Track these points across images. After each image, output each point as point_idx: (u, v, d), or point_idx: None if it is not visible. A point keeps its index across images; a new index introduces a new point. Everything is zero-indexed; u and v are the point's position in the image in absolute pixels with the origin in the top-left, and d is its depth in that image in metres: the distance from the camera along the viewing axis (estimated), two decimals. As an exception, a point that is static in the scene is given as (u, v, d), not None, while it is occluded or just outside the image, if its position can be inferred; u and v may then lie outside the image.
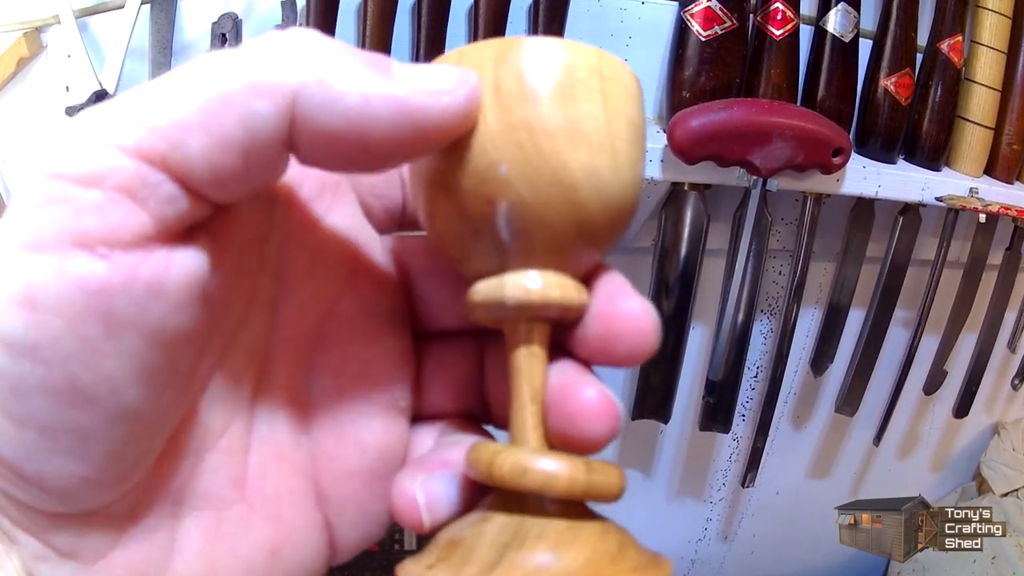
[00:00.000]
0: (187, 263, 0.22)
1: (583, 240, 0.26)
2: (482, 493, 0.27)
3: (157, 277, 0.21)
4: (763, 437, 1.10)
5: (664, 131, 0.87)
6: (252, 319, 0.27)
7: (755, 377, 1.19)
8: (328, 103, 0.22)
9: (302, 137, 0.22)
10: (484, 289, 0.26)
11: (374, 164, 0.24)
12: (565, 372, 0.27)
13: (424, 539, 0.85)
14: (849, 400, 1.14)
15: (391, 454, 0.29)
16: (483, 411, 0.32)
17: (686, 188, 0.95)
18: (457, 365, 0.31)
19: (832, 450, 1.31)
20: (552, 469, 0.24)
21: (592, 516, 0.26)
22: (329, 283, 0.29)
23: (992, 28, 1.01)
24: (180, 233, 0.22)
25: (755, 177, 0.88)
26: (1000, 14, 1.00)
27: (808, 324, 1.16)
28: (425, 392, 0.31)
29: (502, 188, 0.24)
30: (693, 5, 0.87)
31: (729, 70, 0.89)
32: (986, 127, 1.03)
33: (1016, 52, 1.03)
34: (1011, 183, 1.06)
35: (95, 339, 0.21)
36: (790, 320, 1.03)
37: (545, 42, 0.25)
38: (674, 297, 0.99)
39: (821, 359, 1.12)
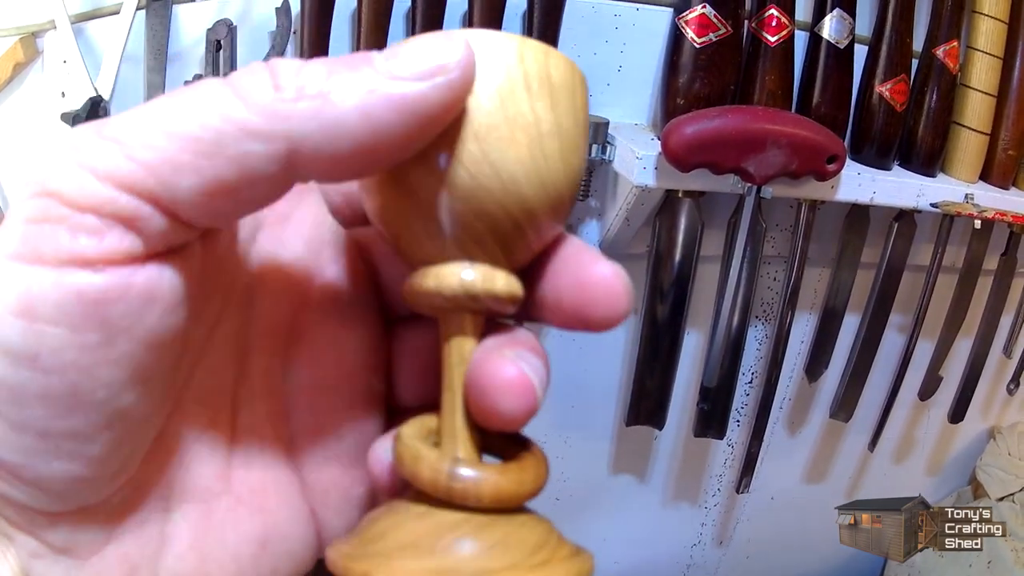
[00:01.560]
0: (175, 272, 0.23)
1: (524, 228, 0.26)
2: None
3: (150, 287, 0.22)
4: (758, 442, 1.10)
5: (658, 138, 0.87)
6: (229, 315, 0.28)
7: (750, 383, 1.19)
8: (329, 131, 0.22)
9: (307, 166, 0.22)
10: (418, 279, 0.27)
11: (383, 164, 0.24)
12: (488, 349, 0.27)
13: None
14: (844, 406, 1.14)
15: (368, 440, 0.30)
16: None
17: (680, 195, 0.95)
18: (428, 349, 0.31)
19: (827, 455, 1.31)
20: (465, 480, 0.25)
21: (518, 510, 0.27)
22: (299, 276, 0.30)
23: (988, 34, 1.01)
24: (168, 253, 0.23)
25: (749, 184, 0.88)
26: (996, 19, 1.00)
27: (803, 330, 1.16)
28: (398, 377, 0.32)
29: (441, 181, 0.25)
30: (687, 12, 0.87)
31: (724, 77, 0.89)
32: (982, 133, 1.03)
33: (1012, 58, 1.03)
34: (1007, 189, 1.06)
35: (94, 347, 0.22)
36: (785, 326, 1.03)
37: (488, 36, 0.25)
38: (668, 303, 0.99)
39: (816, 365, 1.12)
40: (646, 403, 1.05)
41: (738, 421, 1.22)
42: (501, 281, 0.26)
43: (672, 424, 1.14)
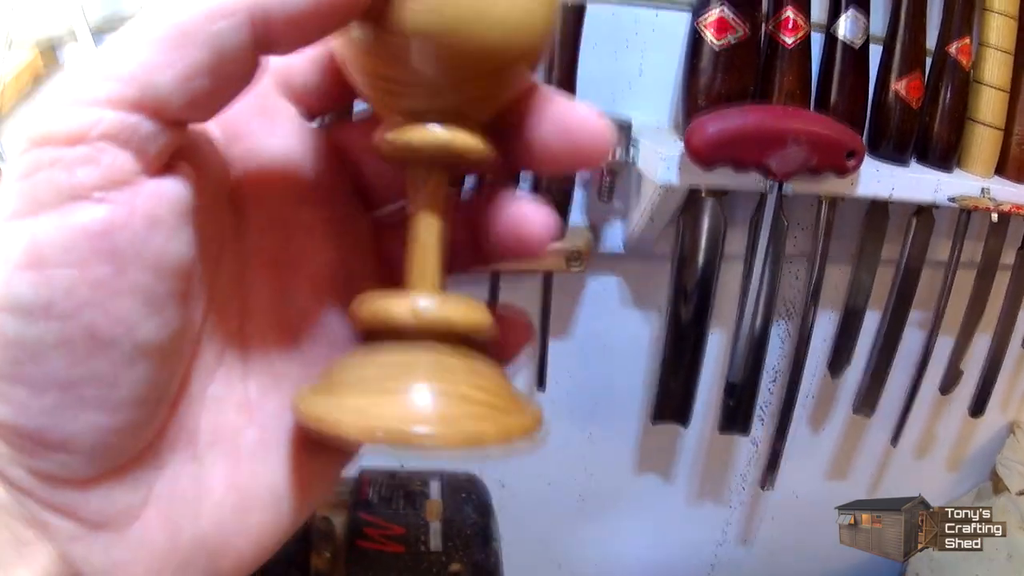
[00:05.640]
0: (174, 190, 0.24)
1: (486, 74, 0.27)
2: None
3: (152, 208, 0.23)
4: (782, 440, 1.10)
5: (681, 138, 0.88)
6: (225, 251, 0.29)
7: (773, 381, 1.20)
8: None
9: (270, 30, 0.23)
10: (392, 135, 0.28)
11: (339, 18, 0.24)
12: (501, 195, 0.30)
13: (448, 540, 0.86)
14: (867, 401, 1.14)
15: None
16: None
17: (703, 194, 0.96)
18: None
19: (849, 452, 1.32)
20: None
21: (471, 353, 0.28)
22: (284, 201, 0.30)
23: (999, 30, 1.01)
24: (163, 164, 0.24)
25: (771, 181, 0.89)
26: (1007, 16, 1.01)
27: (825, 327, 1.16)
28: (390, 281, 0.32)
29: (397, 32, 0.25)
30: (706, 14, 0.89)
31: (743, 78, 0.90)
32: (995, 128, 1.03)
33: (1023, 53, 1.04)
34: (1022, 183, 1.06)
35: (106, 280, 0.22)
36: (807, 323, 1.04)
37: None
38: (693, 303, 1.00)
39: (838, 361, 1.13)
40: (671, 401, 1.06)
41: (762, 419, 1.22)
42: (469, 140, 0.27)
43: (697, 423, 1.15)
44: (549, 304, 1.01)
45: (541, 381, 1.06)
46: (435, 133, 0.27)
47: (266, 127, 0.30)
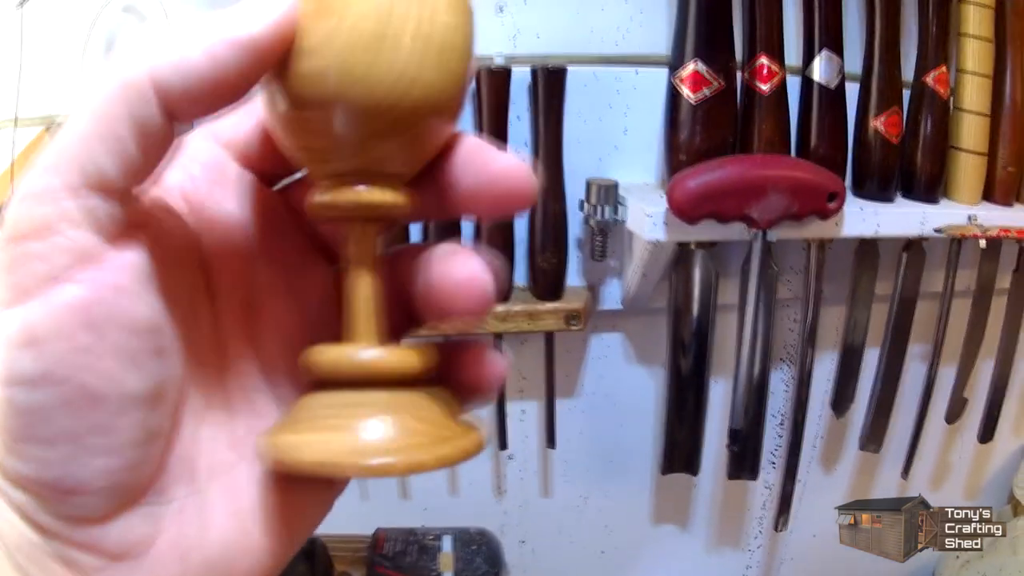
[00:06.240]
0: (136, 260, 0.27)
1: (398, 133, 0.28)
2: None
3: (117, 279, 0.26)
4: (791, 482, 1.10)
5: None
6: (199, 309, 0.31)
7: (780, 425, 1.20)
8: (182, 75, 0.25)
9: (174, 107, 0.26)
10: (315, 195, 0.29)
11: (234, 94, 0.27)
12: (445, 251, 0.31)
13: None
14: (872, 437, 1.14)
15: None
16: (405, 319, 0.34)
17: (693, 247, 0.97)
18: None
19: (865, 488, 1.31)
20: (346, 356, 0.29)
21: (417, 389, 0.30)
22: (246, 262, 0.32)
23: (975, 54, 1.02)
24: (122, 232, 0.27)
25: (755, 230, 0.89)
26: (982, 39, 1.02)
27: (827, 368, 1.16)
28: None
29: (330, 96, 0.27)
30: (681, 70, 0.90)
31: (722, 130, 0.92)
32: (979, 154, 1.04)
33: (1002, 74, 1.05)
34: (1010, 205, 1.07)
35: (90, 346, 0.26)
36: (806, 365, 1.04)
37: None
38: (691, 354, 1.01)
39: (841, 400, 1.13)
40: (679, 452, 1.07)
41: (773, 463, 1.22)
42: (391, 197, 0.29)
43: (707, 471, 1.15)
44: (553, 364, 1.02)
45: (551, 440, 1.06)
46: (358, 193, 0.29)
47: (222, 195, 0.32)
